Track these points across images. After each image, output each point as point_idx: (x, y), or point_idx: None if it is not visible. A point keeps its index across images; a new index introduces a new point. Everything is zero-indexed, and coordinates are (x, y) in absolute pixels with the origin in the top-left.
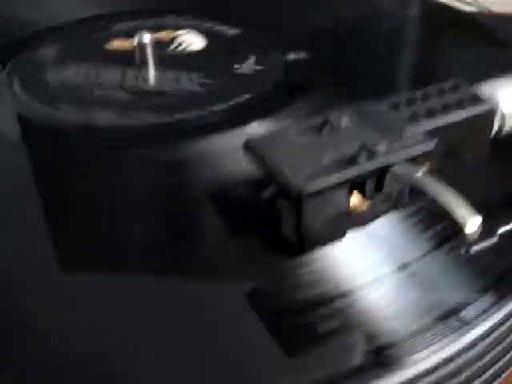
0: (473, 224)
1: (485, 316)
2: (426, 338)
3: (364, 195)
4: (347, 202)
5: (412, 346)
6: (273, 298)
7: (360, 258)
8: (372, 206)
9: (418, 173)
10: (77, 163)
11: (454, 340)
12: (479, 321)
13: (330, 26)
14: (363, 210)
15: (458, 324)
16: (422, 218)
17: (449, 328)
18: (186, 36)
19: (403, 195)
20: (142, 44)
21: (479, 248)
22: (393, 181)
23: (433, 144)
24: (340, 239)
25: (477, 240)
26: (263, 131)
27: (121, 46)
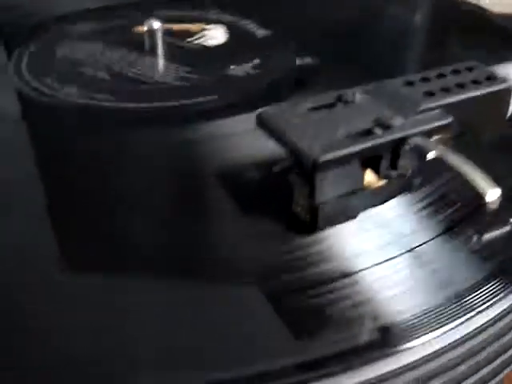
0: (493, 194)
1: (492, 302)
2: (431, 322)
3: (378, 173)
4: (361, 179)
5: (416, 329)
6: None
7: (369, 239)
8: (385, 186)
9: (437, 145)
10: (82, 144)
11: (460, 324)
12: (486, 307)
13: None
14: (377, 189)
15: (464, 309)
16: (432, 201)
17: (454, 312)
18: (212, 31)
19: (417, 176)
20: (152, 30)
21: (491, 236)
22: (408, 157)
23: (449, 118)
24: (352, 218)
25: (489, 228)
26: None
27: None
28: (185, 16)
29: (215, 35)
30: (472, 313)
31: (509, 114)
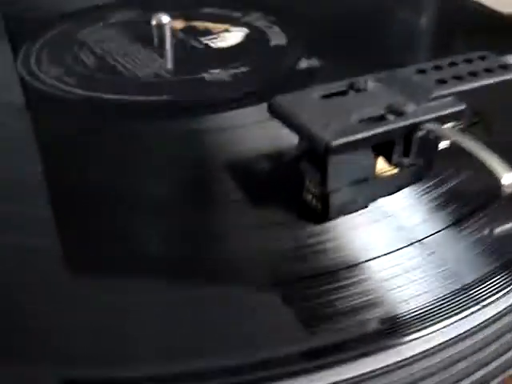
0: (509, 178)
1: (498, 296)
2: (437, 314)
3: (390, 161)
4: (373, 167)
5: (423, 319)
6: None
7: (377, 229)
8: (397, 175)
9: (451, 130)
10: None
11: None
12: (492, 301)
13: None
14: (388, 177)
15: (471, 302)
16: (442, 193)
17: (461, 305)
18: (232, 33)
19: (429, 165)
20: (161, 25)
21: (502, 230)
22: (421, 144)
23: (462, 105)
24: (363, 207)
25: (500, 223)
26: None
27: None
28: (219, 15)
29: (230, 38)
30: (479, 305)
31: None
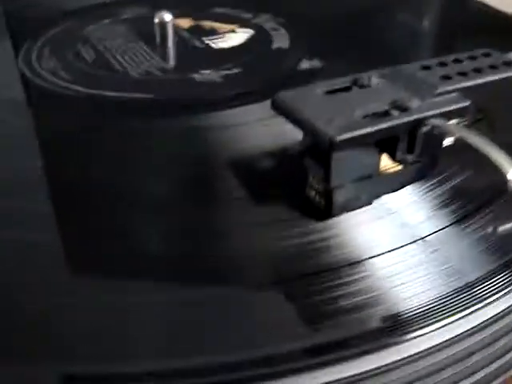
0: None
1: (502, 294)
2: (440, 312)
3: (394, 158)
4: (377, 164)
5: (425, 319)
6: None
7: (380, 226)
8: (401, 172)
9: (456, 126)
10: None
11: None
12: (495, 299)
13: None
14: (392, 174)
15: (474, 300)
16: (445, 191)
17: (464, 303)
18: (237, 34)
19: (433, 162)
20: (163, 23)
21: (506, 228)
22: (425, 140)
23: (467, 101)
24: (367, 204)
25: (504, 221)
26: None
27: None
28: (230, 16)
29: (234, 38)
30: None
31: None
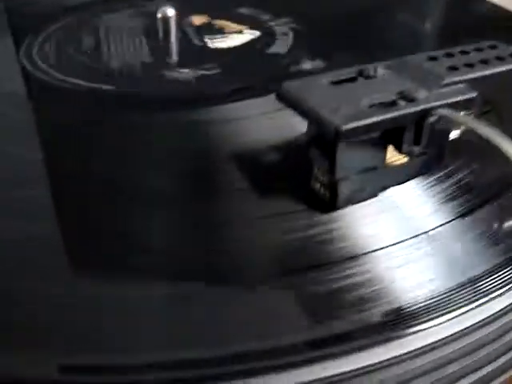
0: None
1: (506, 289)
2: (444, 306)
3: (400, 149)
4: (383, 155)
5: (428, 313)
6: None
7: (385, 219)
8: (407, 164)
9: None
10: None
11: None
12: (499, 294)
13: None
14: (398, 167)
15: (478, 294)
16: (450, 184)
17: (468, 298)
18: (244, 35)
19: (440, 155)
20: (166, 18)
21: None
22: (432, 131)
23: (474, 93)
24: (372, 197)
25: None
26: None
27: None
28: (247, 16)
29: (236, 39)
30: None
31: None
